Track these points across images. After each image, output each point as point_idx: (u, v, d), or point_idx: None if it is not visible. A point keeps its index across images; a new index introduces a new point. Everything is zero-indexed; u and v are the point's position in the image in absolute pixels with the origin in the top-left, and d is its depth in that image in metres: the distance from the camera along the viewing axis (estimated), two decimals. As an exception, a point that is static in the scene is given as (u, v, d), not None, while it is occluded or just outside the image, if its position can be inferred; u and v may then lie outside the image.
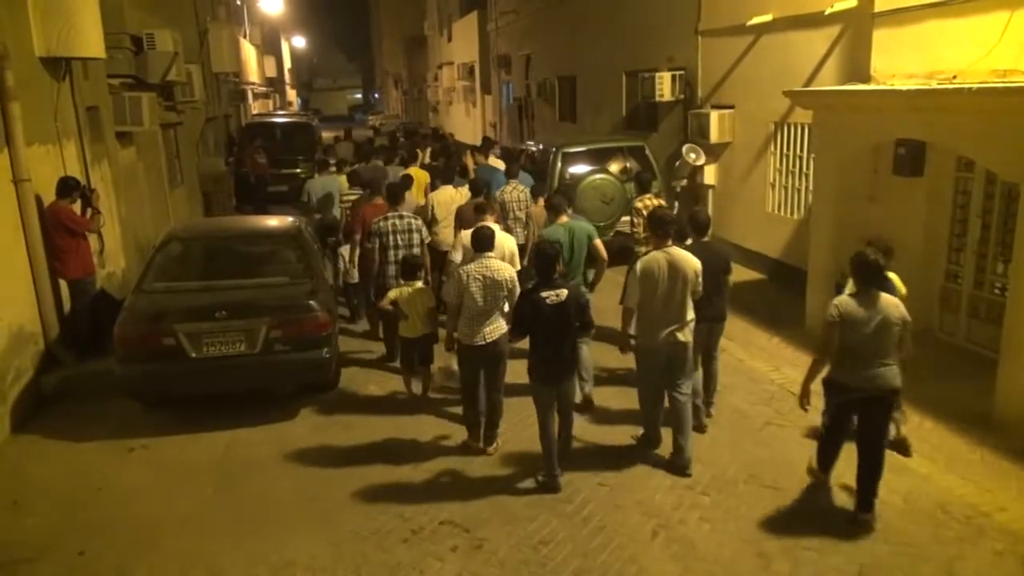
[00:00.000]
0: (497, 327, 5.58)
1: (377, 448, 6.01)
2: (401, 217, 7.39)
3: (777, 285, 9.90)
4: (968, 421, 5.96)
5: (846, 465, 5.00)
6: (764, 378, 7.06)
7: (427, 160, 12.43)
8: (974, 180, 7.22)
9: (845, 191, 7.85)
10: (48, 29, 7.37)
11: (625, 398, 6.49)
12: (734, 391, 6.79)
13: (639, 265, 5.44)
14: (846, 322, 4.65)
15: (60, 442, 6.15)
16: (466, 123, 29.96)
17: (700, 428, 5.97)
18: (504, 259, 6.06)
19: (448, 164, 11.73)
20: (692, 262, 5.40)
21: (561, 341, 5.22)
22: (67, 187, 7.19)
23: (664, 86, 12.10)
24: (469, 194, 8.56)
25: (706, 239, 6.10)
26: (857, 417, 4.88)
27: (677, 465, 5.49)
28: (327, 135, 19.55)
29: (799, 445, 5.79)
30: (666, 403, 5.64)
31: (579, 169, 10.83)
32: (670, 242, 5.49)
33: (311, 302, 6.36)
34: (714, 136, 10.96)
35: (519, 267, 6.52)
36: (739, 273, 8.06)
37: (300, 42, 62.46)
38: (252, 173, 16.12)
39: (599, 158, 10.98)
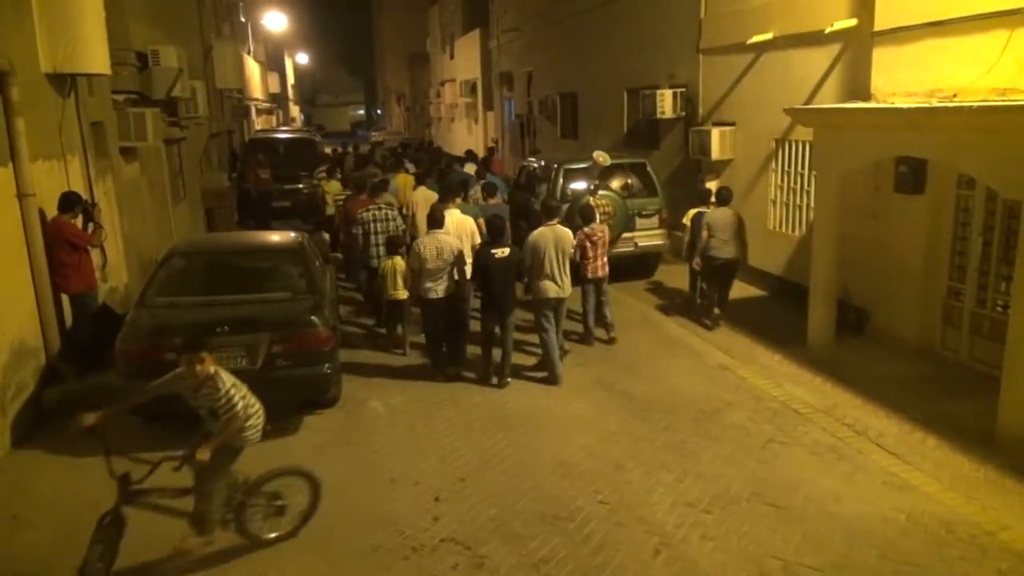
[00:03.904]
0: (447, 286, 7.44)
1: (377, 464, 5.99)
2: (380, 208, 9.14)
3: (778, 302, 9.88)
4: (972, 439, 5.94)
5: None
6: (766, 395, 7.04)
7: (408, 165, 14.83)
8: (975, 198, 7.23)
9: (846, 208, 7.86)
10: (54, 45, 7.43)
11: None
12: (736, 408, 6.78)
13: (531, 238, 7.52)
14: (713, 223, 8.48)
15: (60, 457, 6.13)
16: (468, 140, 30.02)
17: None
18: (464, 235, 8.14)
19: (428, 169, 13.50)
20: (568, 235, 7.60)
21: (505, 285, 7.27)
22: (69, 202, 7.22)
23: (665, 103, 12.18)
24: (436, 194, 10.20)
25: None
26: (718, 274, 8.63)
27: (555, 375, 7.51)
28: (327, 150, 19.75)
29: (802, 463, 5.78)
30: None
31: (580, 185, 10.86)
32: (555, 222, 7.65)
33: (313, 317, 6.36)
34: (715, 153, 11.00)
35: (479, 240, 8.12)
36: (741, 290, 8.08)
37: (303, 58, 62.84)
38: (254, 188, 16.22)
39: (601, 174, 10.99)
